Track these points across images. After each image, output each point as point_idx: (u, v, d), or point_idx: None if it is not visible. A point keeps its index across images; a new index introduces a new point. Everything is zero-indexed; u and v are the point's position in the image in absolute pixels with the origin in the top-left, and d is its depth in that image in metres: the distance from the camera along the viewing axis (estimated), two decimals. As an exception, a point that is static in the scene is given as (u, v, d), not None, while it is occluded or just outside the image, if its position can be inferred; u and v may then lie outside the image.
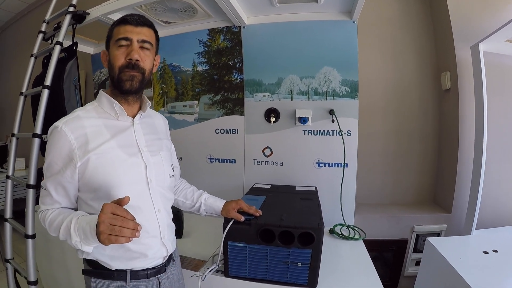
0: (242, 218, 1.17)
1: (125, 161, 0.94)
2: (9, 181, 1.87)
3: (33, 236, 1.61)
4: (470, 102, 1.85)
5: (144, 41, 0.94)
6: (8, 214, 1.84)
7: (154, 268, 1.00)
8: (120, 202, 0.77)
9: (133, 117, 1.01)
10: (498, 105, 1.83)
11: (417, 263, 2.06)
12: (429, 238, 1.56)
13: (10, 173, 1.87)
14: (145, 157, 0.98)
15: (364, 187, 1.91)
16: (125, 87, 0.94)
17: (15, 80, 4.63)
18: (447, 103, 2.05)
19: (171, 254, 1.09)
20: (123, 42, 0.92)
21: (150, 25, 0.98)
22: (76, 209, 0.98)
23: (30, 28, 4.14)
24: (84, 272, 0.99)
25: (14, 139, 1.89)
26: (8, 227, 1.83)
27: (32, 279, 1.62)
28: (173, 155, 1.24)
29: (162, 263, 1.03)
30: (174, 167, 1.20)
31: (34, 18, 4.14)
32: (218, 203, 1.26)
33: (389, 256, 2.02)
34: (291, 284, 1.21)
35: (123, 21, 0.94)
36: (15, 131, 1.89)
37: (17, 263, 1.81)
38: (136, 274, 0.97)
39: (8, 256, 1.83)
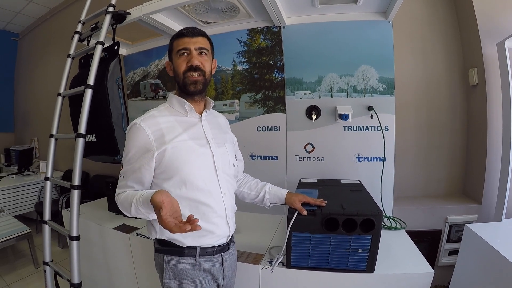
0: (305, 212, 1.31)
1: (196, 151, 1.13)
2: (48, 183, 1.95)
3: (77, 238, 1.69)
4: (497, 96, 2.05)
5: (201, 48, 1.15)
6: (47, 216, 1.92)
7: (219, 246, 1.21)
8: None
9: (200, 114, 1.22)
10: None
11: (450, 253, 2.26)
12: (467, 225, 1.74)
13: (48, 175, 1.96)
14: (213, 148, 1.18)
15: (399, 180, 2.08)
16: (191, 89, 1.14)
17: (37, 84, 4.78)
18: (474, 98, 2.26)
19: (232, 236, 1.29)
20: (183, 52, 1.13)
21: (203, 34, 1.18)
22: None
23: (51, 33, 4.27)
24: (157, 250, 1.20)
25: (52, 141, 1.96)
26: (47, 229, 1.91)
27: (76, 281, 1.68)
28: (237, 148, 1.45)
29: (226, 242, 1.23)
30: (238, 160, 1.42)
31: (54, 23, 4.27)
32: (282, 191, 1.42)
33: (424, 247, 2.21)
34: (350, 270, 1.36)
35: (180, 35, 1.15)
36: (54, 132, 1.96)
37: (56, 265, 1.89)
38: (205, 251, 1.17)
39: (47, 258, 1.90)
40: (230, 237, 1.27)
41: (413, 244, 1.64)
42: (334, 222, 1.30)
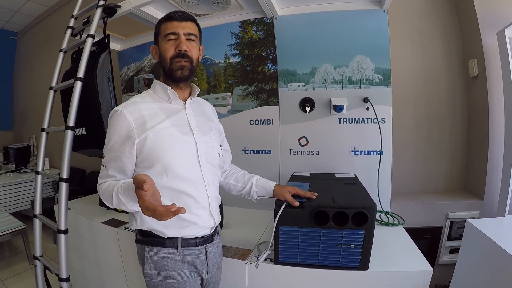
0: (297, 203, 1.20)
1: (178, 138, 1.06)
2: (39, 177, 1.88)
3: (65, 231, 1.62)
4: (498, 88, 1.93)
5: (189, 34, 1.07)
6: (37, 210, 1.86)
7: (202, 237, 1.13)
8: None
9: (184, 101, 1.14)
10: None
11: (451, 251, 2.12)
12: (469, 220, 1.61)
13: (39, 169, 1.89)
14: (196, 136, 1.10)
15: (397, 175, 1.96)
16: (177, 75, 1.07)
17: (35, 82, 4.73)
18: (475, 90, 2.13)
19: (217, 227, 1.22)
20: (172, 37, 1.05)
21: (192, 19, 1.10)
22: None
23: (50, 31, 4.25)
24: (138, 241, 1.13)
25: (44, 134, 1.89)
26: (37, 223, 1.85)
27: (64, 275, 1.62)
28: (223, 138, 1.36)
29: (209, 234, 1.16)
30: (224, 150, 1.33)
31: (52, 21, 4.23)
32: (269, 184, 1.31)
33: (424, 245, 2.07)
34: (342, 267, 1.23)
35: (169, 18, 1.07)
36: (45, 126, 1.89)
37: (46, 260, 1.82)
38: (187, 242, 1.09)
39: (38, 253, 1.83)
40: (214, 228, 1.19)
41: (411, 240, 1.51)
42: (324, 216, 1.18)
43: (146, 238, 1.10)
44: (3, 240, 2.66)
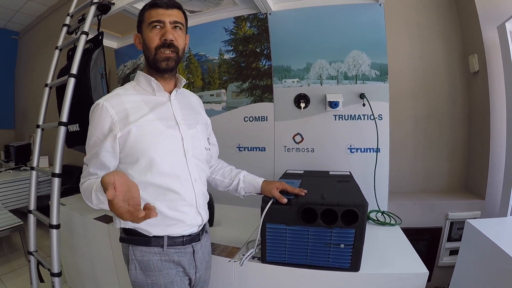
0: (285, 200, 1.14)
1: (163, 132, 1.00)
2: (34, 172, 1.86)
3: (57, 226, 1.60)
4: (500, 83, 1.85)
5: (176, 22, 1.00)
6: (32, 205, 1.83)
7: (189, 235, 1.07)
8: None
9: (169, 93, 1.08)
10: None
11: (451, 252, 2.03)
12: (468, 220, 1.52)
13: (34, 165, 1.87)
14: (182, 129, 1.04)
15: (396, 174, 1.88)
16: (162, 66, 1.00)
17: (36, 81, 4.72)
18: (476, 86, 2.04)
19: (205, 225, 1.15)
20: (156, 25, 0.99)
21: (179, 6, 1.03)
22: None
23: (50, 30, 4.24)
24: (122, 240, 1.06)
25: (39, 131, 1.88)
26: (32, 218, 1.82)
27: (56, 270, 1.59)
28: (210, 131, 1.29)
29: (197, 232, 1.10)
30: (212, 144, 1.26)
31: (53, 20, 4.22)
32: (257, 180, 1.25)
33: (423, 246, 1.99)
34: (332, 268, 1.17)
35: (154, 5, 1.00)
36: (40, 122, 1.89)
37: (40, 255, 1.80)
38: (173, 241, 1.03)
39: (32, 248, 1.81)
40: (202, 226, 1.12)
41: (407, 241, 1.44)
42: (312, 213, 1.12)
43: (131, 237, 1.03)
44: (0, 236, 2.65)
